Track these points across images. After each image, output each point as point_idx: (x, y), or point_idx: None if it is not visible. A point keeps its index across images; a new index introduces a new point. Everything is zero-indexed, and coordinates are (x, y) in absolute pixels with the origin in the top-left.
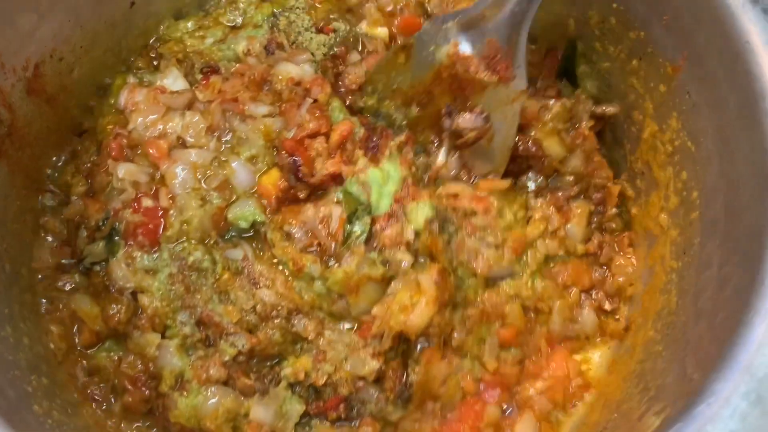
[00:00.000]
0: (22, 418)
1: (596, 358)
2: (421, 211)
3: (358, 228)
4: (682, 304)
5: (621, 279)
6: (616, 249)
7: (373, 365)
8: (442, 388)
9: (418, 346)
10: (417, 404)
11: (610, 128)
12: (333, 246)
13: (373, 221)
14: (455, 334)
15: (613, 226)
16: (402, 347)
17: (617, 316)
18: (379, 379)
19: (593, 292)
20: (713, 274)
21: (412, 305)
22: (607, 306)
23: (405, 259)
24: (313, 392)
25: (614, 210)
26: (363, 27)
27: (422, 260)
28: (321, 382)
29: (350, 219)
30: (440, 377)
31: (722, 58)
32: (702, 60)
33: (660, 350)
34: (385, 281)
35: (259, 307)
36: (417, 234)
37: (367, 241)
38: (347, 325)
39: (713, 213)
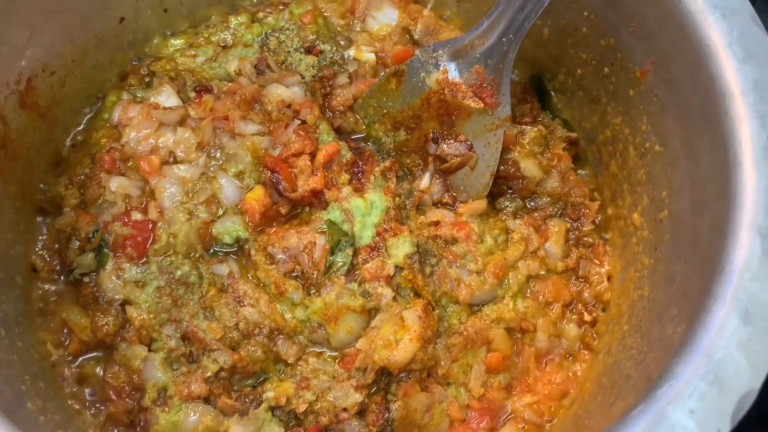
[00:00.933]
0: (18, 415)
1: (580, 368)
2: (401, 247)
3: (340, 259)
4: (653, 297)
5: (598, 287)
6: (592, 258)
7: (356, 398)
8: (426, 418)
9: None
10: None
11: (586, 138)
12: (315, 275)
13: (355, 253)
14: (441, 363)
15: (590, 240)
16: (385, 381)
17: (594, 332)
18: (361, 412)
19: (573, 306)
20: (681, 267)
21: (396, 341)
22: (587, 317)
23: (385, 293)
24: (293, 418)
25: (591, 225)
26: (351, 51)
27: (405, 294)
28: (301, 409)
29: (332, 250)
30: (421, 408)
31: (685, 61)
32: (668, 64)
33: (632, 343)
34: (365, 312)
35: (242, 324)
36: (398, 269)
37: (348, 272)
38: (330, 353)
39: (680, 210)
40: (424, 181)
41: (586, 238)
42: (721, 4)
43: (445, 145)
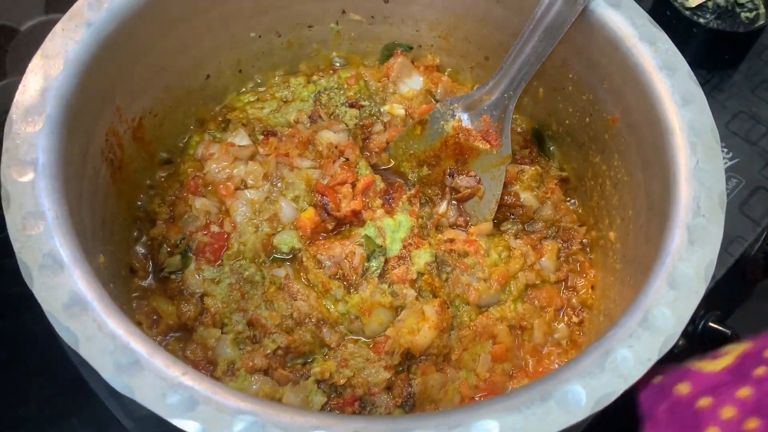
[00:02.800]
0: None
1: (568, 358)
2: (422, 257)
3: (374, 264)
4: (620, 291)
5: (584, 294)
6: (579, 272)
7: (385, 375)
8: (441, 393)
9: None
10: (420, 409)
11: (574, 175)
12: (354, 277)
13: (386, 261)
14: (454, 351)
15: (578, 258)
16: (407, 363)
17: (580, 330)
18: (389, 388)
19: (563, 309)
20: (640, 263)
21: (418, 329)
22: (575, 318)
23: (409, 293)
24: (334, 390)
25: (579, 246)
26: (385, 107)
27: (425, 295)
28: (341, 382)
29: (368, 257)
30: (437, 386)
31: (643, 107)
32: (630, 111)
33: (605, 328)
34: (393, 309)
35: (295, 314)
36: (420, 274)
37: (381, 275)
38: (364, 341)
39: (640, 222)
40: (442, 207)
41: (574, 256)
42: (666, 65)
43: (458, 179)
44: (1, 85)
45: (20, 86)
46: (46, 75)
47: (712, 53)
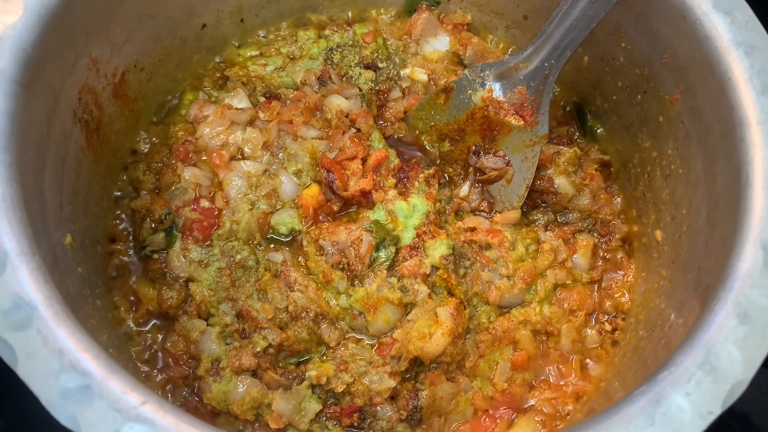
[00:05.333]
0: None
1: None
2: (438, 249)
3: (383, 255)
4: (667, 305)
5: (621, 298)
6: (617, 271)
7: (389, 383)
8: (451, 405)
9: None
10: (426, 423)
11: (618, 160)
12: (359, 267)
13: (397, 251)
14: (469, 357)
15: (616, 255)
16: (415, 370)
17: (615, 336)
18: (393, 397)
19: (595, 314)
20: (694, 276)
21: (430, 334)
22: (608, 326)
23: (421, 290)
24: (332, 396)
25: (618, 242)
26: (406, 71)
27: (439, 292)
28: (340, 389)
29: (377, 246)
30: (447, 397)
31: (710, 91)
32: (694, 94)
33: (645, 345)
34: (402, 306)
35: (291, 307)
36: (434, 268)
37: (390, 267)
38: (368, 341)
39: (697, 226)
40: (464, 190)
41: (612, 253)
42: (744, 41)
43: (485, 159)
44: None
45: None
46: (1, 22)
47: None
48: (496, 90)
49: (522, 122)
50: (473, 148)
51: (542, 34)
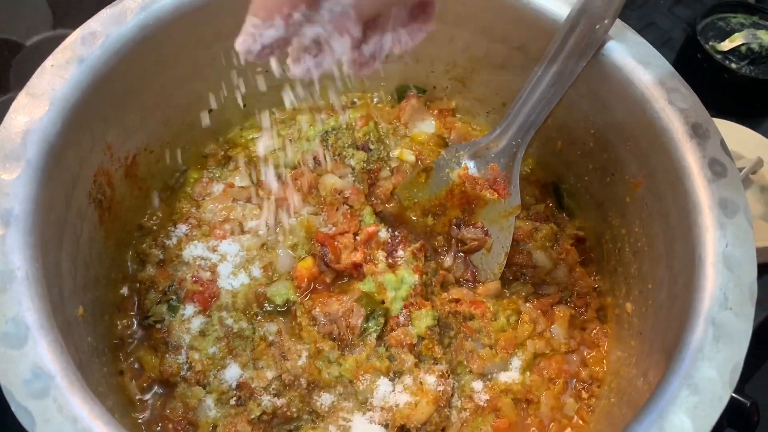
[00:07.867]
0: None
1: None
2: (424, 320)
3: (372, 325)
4: (636, 373)
5: (596, 368)
6: (593, 342)
7: None
8: None
9: None
10: None
11: (592, 237)
12: (350, 337)
13: (386, 322)
14: (453, 423)
15: (591, 326)
16: None
17: (591, 402)
18: None
19: (573, 382)
20: (657, 347)
21: (415, 403)
22: (584, 394)
23: (408, 359)
24: None
25: (593, 314)
26: (396, 152)
27: (426, 360)
28: None
29: (367, 317)
30: None
31: (668, 177)
32: (655, 178)
33: (615, 411)
34: (390, 374)
35: (284, 376)
36: (420, 338)
37: (378, 337)
38: (357, 410)
39: (660, 300)
40: (448, 260)
41: (587, 324)
42: (697, 133)
43: (465, 230)
44: (3, 100)
45: (0, 127)
46: (29, 116)
47: (743, 101)
48: (471, 167)
49: (496, 195)
50: (454, 221)
51: (507, 116)
